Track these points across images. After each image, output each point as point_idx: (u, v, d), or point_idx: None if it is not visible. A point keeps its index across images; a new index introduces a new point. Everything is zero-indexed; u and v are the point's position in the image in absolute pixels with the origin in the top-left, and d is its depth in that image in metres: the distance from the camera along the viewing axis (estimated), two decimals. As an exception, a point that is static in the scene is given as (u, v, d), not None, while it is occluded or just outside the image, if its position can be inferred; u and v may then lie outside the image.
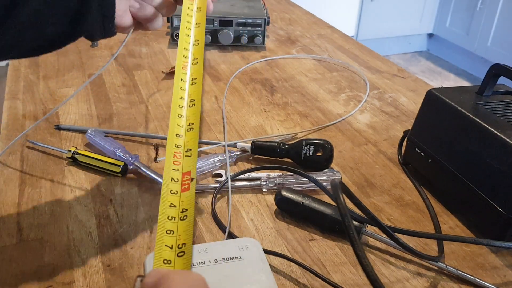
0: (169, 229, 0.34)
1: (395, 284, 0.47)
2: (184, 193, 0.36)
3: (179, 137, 0.40)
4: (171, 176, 0.37)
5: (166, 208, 0.36)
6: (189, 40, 0.49)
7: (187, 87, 0.45)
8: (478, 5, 2.86)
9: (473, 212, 0.54)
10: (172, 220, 0.34)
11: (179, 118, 0.42)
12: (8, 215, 0.53)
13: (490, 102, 0.57)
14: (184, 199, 0.36)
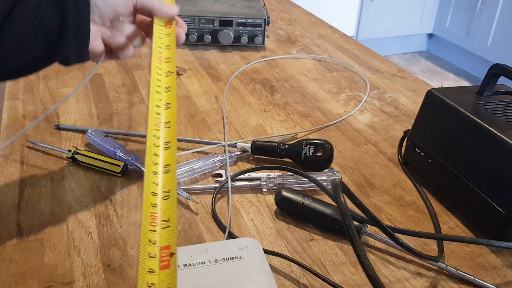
0: None
1: (395, 284, 0.47)
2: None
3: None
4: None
5: None
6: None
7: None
8: (478, 5, 2.86)
9: (473, 212, 0.54)
10: None
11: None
12: (8, 215, 0.53)
13: (490, 102, 0.57)
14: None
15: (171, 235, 0.33)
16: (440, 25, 3.21)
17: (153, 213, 0.34)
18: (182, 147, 0.67)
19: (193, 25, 1.00)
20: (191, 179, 0.60)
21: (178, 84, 0.85)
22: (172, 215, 0.35)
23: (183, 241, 0.50)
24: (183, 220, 0.53)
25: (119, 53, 0.52)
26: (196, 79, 0.88)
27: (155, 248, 0.32)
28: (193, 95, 0.82)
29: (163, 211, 0.35)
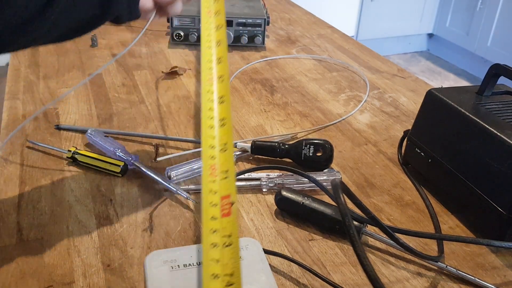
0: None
1: (395, 284, 0.47)
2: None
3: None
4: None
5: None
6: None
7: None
8: (478, 5, 2.86)
9: (473, 212, 0.54)
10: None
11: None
12: (8, 215, 0.53)
13: (490, 102, 0.57)
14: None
15: (230, 185, 0.35)
16: (440, 25, 3.21)
17: (212, 165, 0.36)
18: (182, 147, 0.67)
19: (193, 25, 1.00)
20: (191, 179, 0.60)
21: (178, 84, 0.86)
22: (230, 166, 0.36)
23: (183, 241, 0.50)
24: (183, 220, 0.53)
25: (168, 8, 0.53)
26: (196, 79, 0.88)
27: (216, 197, 0.34)
28: (193, 95, 0.82)
29: (222, 163, 0.37)
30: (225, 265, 0.31)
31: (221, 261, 0.31)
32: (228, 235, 0.32)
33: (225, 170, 0.36)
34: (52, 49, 0.96)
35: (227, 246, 0.32)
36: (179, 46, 1.02)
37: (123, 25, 1.11)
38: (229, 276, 0.31)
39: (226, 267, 0.31)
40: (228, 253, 0.32)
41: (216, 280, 0.30)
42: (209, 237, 0.32)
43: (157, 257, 0.44)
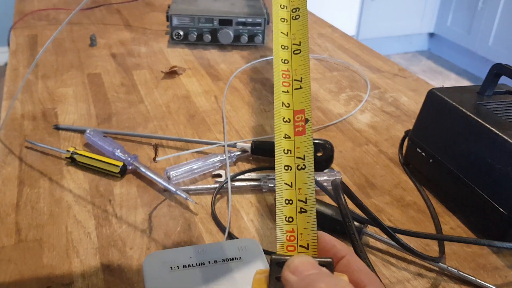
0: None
1: (396, 285, 0.46)
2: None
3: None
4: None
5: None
6: None
7: None
8: (479, 4, 2.86)
9: (474, 212, 0.54)
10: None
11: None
12: (7, 215, 0.52)
13: (492, 102, 0.57)
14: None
15: (304, 99, 0.32)
16: (441, 24, 3.20)
17: (284, 71, 0.33)
18: (182, 147, 0.67)
19: (193, 25, 0.99)
20: (191, 179, 0.60)
21: (178, 84, 0.85)
22: (304, 74, 0.33)
23: (183, 242, 0.50)
24: (182, 220, 0.53)
25: None
26: (195, 78, 0.88)
27: (288, 112, 0.32)
28: (193, 95, 0.82)
29: (295, 69, 0.33)
30: (298, 190, 0.30)
31: (294, 185, 0.30)
32: (302, 157, 0.31)
33: (298, 78, 0.33)
34: (51, 49, 0.96)
35: (301, 170, 0.31)
36: (178, 45, 1.02)
37: (123, 24, 1.10)
38: (303, 203, 0.30)
39: (300, 193, 0.30)
40: (302, 177, 0.30)
41: (289, 206, 0.30)
42: (282, 158, 0.31)
43: (156, 258, 0.44)
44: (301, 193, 0.30)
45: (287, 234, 0.29)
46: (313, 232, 0.29)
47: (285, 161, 0.31)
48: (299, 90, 0.33)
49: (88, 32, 1.06)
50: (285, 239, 0.29)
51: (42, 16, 1.14)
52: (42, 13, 1.15)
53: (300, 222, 0.30)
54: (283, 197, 0.30)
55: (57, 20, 1.12)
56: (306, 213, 0.30)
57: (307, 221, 0.30)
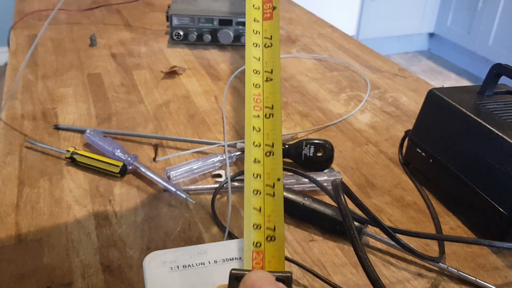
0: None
1: (396, 285, 0.46)
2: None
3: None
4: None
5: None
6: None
7: None
8: (479, 4, 2.86)
9: (474, 212, 0.54)
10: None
11: None
12: (7, 215, 0.52)
13: (492, 102, 0.57)
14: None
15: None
16: (441, 24, 3.20)
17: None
18: (182, 147, 0.67)
19: (193, 25, 0.99)
20: (191, 179, 0.60)
21: (178, 84, 0.85)
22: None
23: (182, 242, 0.50)
24: (182, 221, 0.53)
25: None
26: (195, 78, 0.88)
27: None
28: (193, 95, 0.82)
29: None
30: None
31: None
32: (271, 185, 0.31)
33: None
34: (51, 49, 0.96)
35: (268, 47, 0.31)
36: (178, 45, 1.02)
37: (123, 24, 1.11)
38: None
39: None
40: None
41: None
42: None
43: (156, 258, 0.44)
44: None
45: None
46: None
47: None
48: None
49: (88, 32, 1.06)
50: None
51: (42, 16, 1.14)
52: (42, 13, 1.15)
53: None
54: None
55: (57, 20, 1.12)
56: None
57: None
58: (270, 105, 0.34)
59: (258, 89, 0.34)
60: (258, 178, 0.31)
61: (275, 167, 0.31)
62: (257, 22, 0.37)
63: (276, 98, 0.34)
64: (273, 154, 0.32)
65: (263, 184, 0.31)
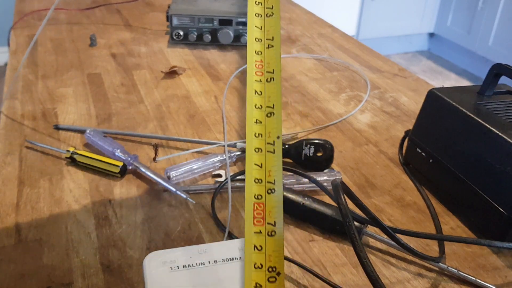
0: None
1: (396, 285, 0.46)
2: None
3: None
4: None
5: None
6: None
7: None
8: (479, 4, 2.86)
9: (474, 212, 0.54)
10: None
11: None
12: (7, 215, 0.52)
13: (492, 102, 0.57)
14: None
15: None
16: (441, 24, 3.20)
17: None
18: (182, 147, 0.67)
19: (193, 24, 0.99)
20: (191, 179, 0.60)
21: (178, 84, 0.85)
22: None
23: (183, 242, 0.50)
24: (182, 220, 0.53)
25: None
26: (195, 78, 0.88)
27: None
28: (193, 95, 0.82)
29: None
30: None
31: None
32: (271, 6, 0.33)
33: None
34: (51, 49, 0.96)
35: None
36: (178, 45, 1.02)
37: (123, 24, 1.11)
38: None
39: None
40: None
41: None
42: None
43: (157, 258, 0.44)
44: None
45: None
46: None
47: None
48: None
49: (88, 32, 1.06)
50: None
51: (42, 16, 1.14)
52: (42, 13, 1.15)
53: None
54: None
55: (56, 20, 1.12)
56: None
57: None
58: (271, 69, 0.36)
59: (260, 56, 0.36)
60: (260, 137, 0.34)
61: (275, 126, 0.34)
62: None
63: (277, 63, 0.36)
64: (274, 114, 0.34)
65: (264, 142, 0.33)
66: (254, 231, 0.33)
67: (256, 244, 0.33)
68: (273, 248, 0.33)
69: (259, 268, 0.32)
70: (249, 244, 0.33)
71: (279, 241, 0.33)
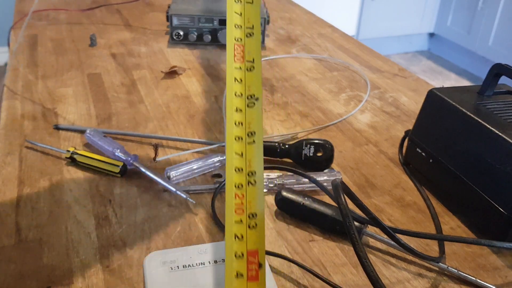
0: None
1: (396, 285, 0.46)
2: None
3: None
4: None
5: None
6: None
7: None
8: (479, 4, 2.86)
9: (474, 212, 0.54)
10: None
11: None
12: (7, 215, 0.52)
13: (492, 102, 0.57)
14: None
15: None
16: (441, 24, 3.20)
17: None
18: (182, 147, 0.67)
19: (193, 24, 0.99)
20: (191, 179, 0.60)
21: (178, 84, 0.85)
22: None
23: (183, 242, 0.50)
24: (182, 221, 0.53)
25: None
26: (195, 78, 0.88)
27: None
28: (193, 95, 0.82)
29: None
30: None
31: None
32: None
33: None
34: (51, 49, 0.96)
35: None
36: (178, 45, 1.02)
37: (123, 24, 1.11)
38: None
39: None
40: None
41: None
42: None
43: (156, 258, 0.44)
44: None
45: None
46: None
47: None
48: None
49: (88, 32, 1.06)
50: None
51: (42, 16, 1.14)
52: (42, 13, 1.15)
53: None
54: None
55: (57, 20, 1.12)
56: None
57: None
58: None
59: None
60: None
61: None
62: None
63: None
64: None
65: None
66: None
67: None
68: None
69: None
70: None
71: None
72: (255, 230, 0.33)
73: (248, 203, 0.33)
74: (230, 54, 0.36)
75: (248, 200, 0.33)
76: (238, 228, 0.33)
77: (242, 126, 0.34)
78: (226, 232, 0.33)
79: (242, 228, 0.33)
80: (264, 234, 0.35)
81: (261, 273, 0.32)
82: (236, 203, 0.33)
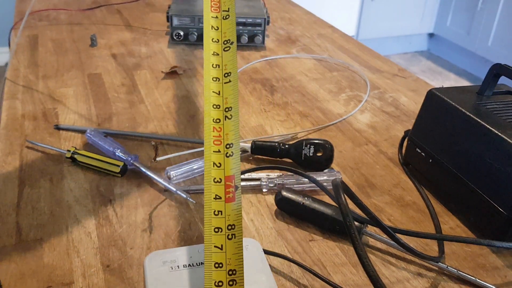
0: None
1: (396, 284, 0.47)
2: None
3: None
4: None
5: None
6: None
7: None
8: (479, 4, 2.86)
9: (474, 212, 0.54)
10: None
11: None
12: (7, 215, 0.52)
13: (491, 102, 0.57)
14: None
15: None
16: (441, 24, 3.20)
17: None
18: (182, 147, 0.67)
19: (193, 25, 0.99)
20: (191, 179, 0.60)
21: (178, 84, 0.85)
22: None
23: (183, 242, 0.50)
24: (182, 220, 0.53)
25: None
26: (195, 79, 0.88)
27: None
28: (193, 95, 0.82)
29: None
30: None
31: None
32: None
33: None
34: (52, 49, 0.96)
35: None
36: (178, 45, 1.02)
37: (123, 24, 1.11)
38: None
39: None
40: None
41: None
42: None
43: (157, 258, 0.44)
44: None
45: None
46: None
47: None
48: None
49: (88, 33, 1.06)
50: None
51: (42, 16, 1.14)
52: (42, 13, 1.15)
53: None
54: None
55: (57, 21, 1.12)
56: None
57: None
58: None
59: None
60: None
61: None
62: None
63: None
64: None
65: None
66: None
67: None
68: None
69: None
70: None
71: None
72: (231, 158, 0.37)
73: (225, 135, 0.36)
74: (207, 3, 0.39)
75: (225, 133, 0.37)
76: (216, 157, 0.37)
77: (219, 68, 0.37)
78: (205, 160, 0.37)
79: (220, 156, 0.37)
80: (240, 160, 0.38)
81: (237, 194, 0.36)
82: (214, 135, 0.37)
